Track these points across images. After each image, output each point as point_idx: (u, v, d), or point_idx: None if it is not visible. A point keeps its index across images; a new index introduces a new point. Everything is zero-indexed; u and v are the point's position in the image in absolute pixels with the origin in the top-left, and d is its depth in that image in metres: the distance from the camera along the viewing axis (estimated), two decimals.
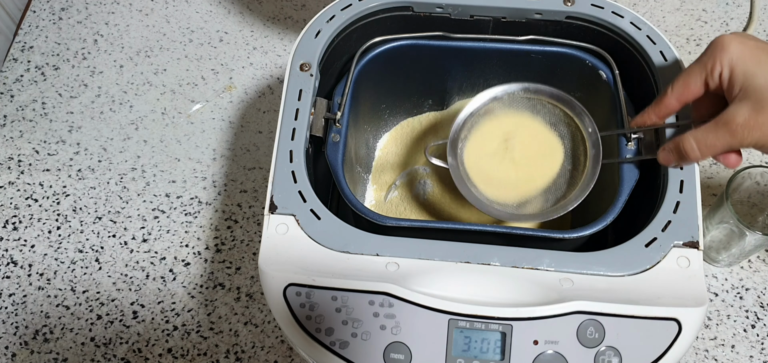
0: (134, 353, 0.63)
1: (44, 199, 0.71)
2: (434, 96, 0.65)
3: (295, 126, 0.50)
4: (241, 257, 0.67)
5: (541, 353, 0.42)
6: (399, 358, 0.43)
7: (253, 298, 0.65)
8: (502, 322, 0.42)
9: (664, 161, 0.47)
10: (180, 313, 0.64)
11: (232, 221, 0.69)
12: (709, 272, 0.64)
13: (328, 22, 0.55)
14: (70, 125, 0.76)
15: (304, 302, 0.44)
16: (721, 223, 0.61)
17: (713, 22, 0.81)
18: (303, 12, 0.84)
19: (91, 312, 0.65)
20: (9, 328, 0.64)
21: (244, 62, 0.80)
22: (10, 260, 0.68)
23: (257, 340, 0.63)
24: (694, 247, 0.45)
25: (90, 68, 0.80)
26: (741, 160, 0.46)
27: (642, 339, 0.42)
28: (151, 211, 0.70)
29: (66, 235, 0.69)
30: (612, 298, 0.43)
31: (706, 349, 0.61)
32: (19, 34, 0.83)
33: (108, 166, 0.73)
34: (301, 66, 0.53)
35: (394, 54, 0.58)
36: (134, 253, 0.68)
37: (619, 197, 0.48)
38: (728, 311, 0.63)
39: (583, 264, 0.44)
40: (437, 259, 0.45)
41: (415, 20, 0.57)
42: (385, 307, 0.43)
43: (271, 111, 0.77)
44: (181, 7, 0.85)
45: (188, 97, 0.78)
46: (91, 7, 0.85)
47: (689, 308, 0.42)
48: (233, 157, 0.73)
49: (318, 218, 0.47)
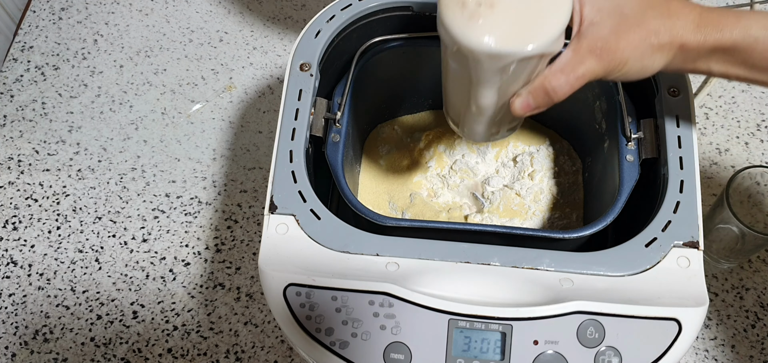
0: (134, 353, 0.63)
1: (44, 199, 0.71)
2: (434, 96, 0.65)
3: (295, 126, 0.50)
4: (241, 257, 0.67)
5: (541, 353, 0.42)
6: (399, 358, 0.43)
7: (253, 298, 0.65)
8: (502, 322, 0.42)
9: (522, 108, 0.43)
10: (180, 313, 0.64)
11: (232, 221, 0.69)
12: (709, 272, 0.64)
13: (328, 22, 0.55)
14: (70, 125, 0.76)
15: (304, 302, 0.44)
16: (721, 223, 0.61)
17: None
18: (303, 12, 0.84)
19: (91, 312, 0.65)
20: (9, 328, 0.64)
21: (244, 62, 0.80)
22: (10, 260, 0.68)
23: (257, 340, 0.63)
24: (694, 247, 0.45)
25: (90, 68, 0.80)
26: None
27: (642, 339, 0.42)
28: (151, 211, 0.70)
29: (66, 235, 0.69)
30: (612, 298, 0.43)
31: (706, 349, 0.61)
32: (19, 34, 0.83)
33: (108, 166, 0.73)
34: (301, 66, 0.53)
35: (394, 54, 0.58)
36: (134, 253, 0.68)
37: (619, 197, 0.48)
38: (728, 311, 0.63)
39: (583, 264, 0.44)
40: (437, 259, 0.45)
41: (415, 20, 0.57)
42: (385, 307, 0.43)
43: (271, 111, 0.77)
44: (181, 7, 0.85)
45: (188, 97, 0.78)
46: (91, 7, 0.85)
47: (689, 308, 0.42)
48: (233, 157, 0.73)
49: (318, 218, 0.47)
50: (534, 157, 0.62)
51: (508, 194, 0.61)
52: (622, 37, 0.40)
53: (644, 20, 0.40)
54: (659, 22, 0.40)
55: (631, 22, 0.40)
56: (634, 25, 0.40)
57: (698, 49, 0.40)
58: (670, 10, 0.40)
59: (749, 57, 0.39)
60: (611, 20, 0.40)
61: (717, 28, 0.39)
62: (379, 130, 0.66)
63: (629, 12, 0.40)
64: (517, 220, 0.59)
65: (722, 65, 0.41)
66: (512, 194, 0.61)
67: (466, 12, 0.41)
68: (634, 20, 0.40)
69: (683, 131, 0.49)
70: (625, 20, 0.40)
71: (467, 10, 0.41)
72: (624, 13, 0.40)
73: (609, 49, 0.40)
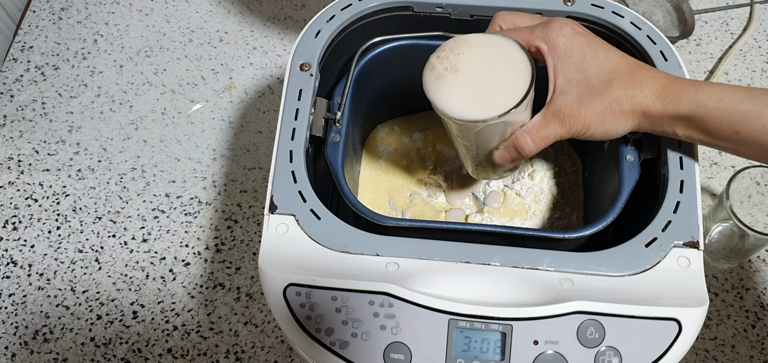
0: (134, 353, 0.63)
1: (44, 199, 0.71)
2: None
3: (295, 126, 0.50)
4: (241, 257, 0.67)
5: (541, 353, 0.42)
6: (399, 358, 0.43)
7: (253, 298, 0.65)
8: (502, 322, 0.42)
9: (500, 160, 0.48)
10: (180, 313, 0.64)
11: (232, 221, 0.69)
12: (709, 272, 0.64)
13: (328, 22, 0.55)
14: (70, 125, 0.76)
15: (304, 302, 0.44)
16: (721, 223, 0.61)
17: (713, 21, 0.81)
18: (303, 12, 0.84)
19: (91, 312, 0.65)
20: (9, 328, 0.64)
21: (244, 62, 0.80)
22: (10, 260, 0.68)
23: (257, 340, 0.63)
24: (695, 247, 0.45)
25: (90, 68, 0.80)
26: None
27: (642, 339, 0.42)
28: (151, 211, 0.70)
29: (66, 235, 0.69)
30: (612, 298, 0.43)
31: (706, 349, 0.61)
32: (19, 34, 0.83)
33: (108, 166, 0.73)
34: (301, 66, 0.53)
35: (394, 54, 0.58)
36: (134, 253, 0.68)
37: (619, 197, 0.48)
38: (728, 311, 0.63)
39: (583, 264, 0.44)
40: (437, 259, 0.45)
41: (415, 20, 0.57)
42: (385, 307, 0.43)
43: (271, 111, 0.77)
44: (181, 7, 0.85)
45: (188, 97, 0.78)
46: (91, 7, 0.85)
47: (689, 308, 0.42)
48: (233, 157, 0.73)
49: (318, 218, 0.47)
50: (534, 156, 0.62)
51: (508, 194, 0.61)
52: (585, 105, 0.44)
53: (608, 90, 0.44)
54: (622, 92, 0.44)
55: (595, 92, 0.44)
56: (598, 95, 0.44)
57: (660, 117, 0.44)
58: (635, 80, 0.44)
59: (705, 126, 0.43)
60: (578, 90, 0.45)
61: (675, 99, 0.43)
62: (379, 130, 0.66)
63: (596, 83, 0.44)
64: (517, 220, 0.59)
65: (685, 131, 0.44)
66: (512, 194, 0.61)
67: (433, 74, 0.46)
68: (599, 90, 0.44)
69: None
70: (590, 90, 0.44)
71: (435, 73, 0.46)
72: (590, 84, 0.45)
73: (572, 115, 0.45)
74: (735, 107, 0.42)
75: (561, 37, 0.45)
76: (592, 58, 0.45)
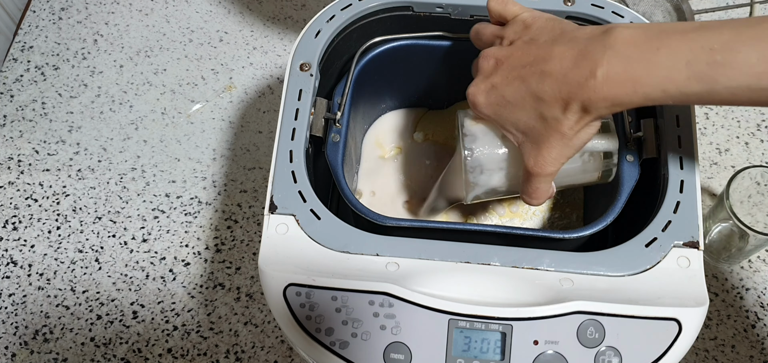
0: (134, 353, 0.63)
1: (44, 199, 0.71)
2: (434, 96, 0.65)
3: (295, 126, 0.50)
4: (241, 257, 0.67)
5: (541, 353, 0.42)
6: (399, 358, 0.43)
7: (253, 298, 0.65)
8: (502, 322, 0.42)
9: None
10: (180, 313, 0.64)
11: (232, 221, 0.69)
12: (709, 272, 0.64)
13: (328, 22, 0.55)
14: (70, 125, 0.76)
15: (304, 302, 0.44)
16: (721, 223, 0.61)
17: None
18: (303, 12, 0.84)
19: (91, 312, 0.65)
20: (9, 328, 0.64)
21: (244, 62, 0.80)
22: (10, 260, 0.68)
23: (257, 340, 0.63)
24: (695, 247, 0.45)
25: (90, 68, 0.80)
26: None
27: (642, 339, 0.42)
28: (151, 211, 0.70)
29: (66, 235, 0.69)
30: (612, 298, 0.43)
31: (706, 349, 0.61)
32: (19, 34, 0.83)
33: (108, 166, 0.73)
34: (301, 66, 0.53)
35: (394, 54, 0.58)
36: (134, 253, 0.68)
37: (619, 197, 0.48)
38: (728, 311, 0.63)
39: (583, 264, 0.44)
40: (437, 259, 0.45)
41: (415, 20, 0.57)
42: (385, 307, 0.43)
43: (271, 111, 0.77)
44: (181, 7, 0.85)
45: (188, 97, 0.78)
46: (91, 7, 0.85)
47: (689, 308, 0.42)
48: (233, 157, 0.73)
49: (318, 218, 0.47)
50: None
51: None
52: (544, 151, 0.44)
53: (551, 124, 0.42)
54: (566, 117, 0.41)
55: (540, 133, 0.43)
56: (545, 134, 0.43)
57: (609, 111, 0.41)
58: (566, 97, 0.41)
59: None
60: (527, 140, 0.44)
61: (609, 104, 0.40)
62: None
63: (533, 123, 0.43)
64: (517, 220, 0.60)
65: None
66: None
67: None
68: (541, 129, 0.43)
69: (683, 131, 0.49)
70: (536, 134, 0.44)
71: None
72: (531, 128, 0.44)
73: (539, 167, 0.44)
74: (681, 93, 0.38)
75: (478, 106, 0.45)
76: (511, 107, 0.43)
